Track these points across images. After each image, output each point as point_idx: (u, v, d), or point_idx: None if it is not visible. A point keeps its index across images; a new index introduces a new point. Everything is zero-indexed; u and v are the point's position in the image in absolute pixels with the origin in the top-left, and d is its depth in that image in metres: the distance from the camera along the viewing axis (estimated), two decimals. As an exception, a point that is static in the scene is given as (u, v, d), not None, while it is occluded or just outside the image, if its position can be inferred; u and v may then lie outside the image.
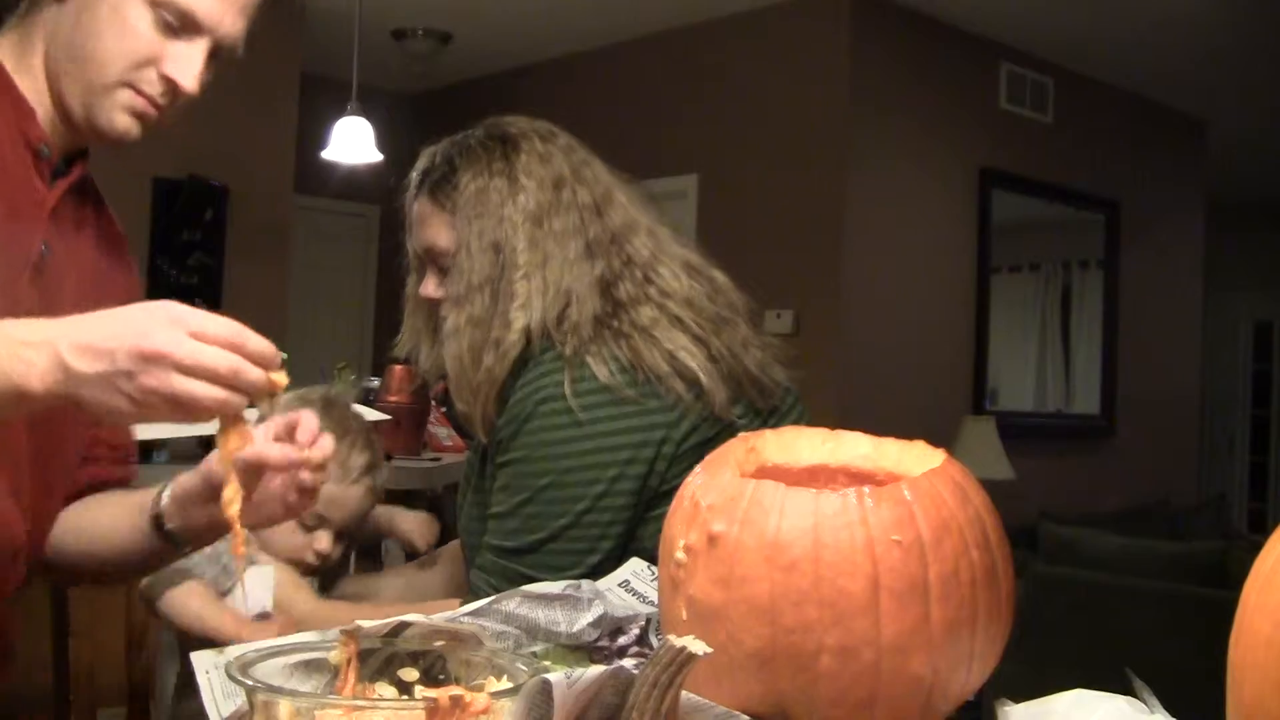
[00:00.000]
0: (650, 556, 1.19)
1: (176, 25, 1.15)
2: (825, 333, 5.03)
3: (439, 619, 0.96)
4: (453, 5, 5.57)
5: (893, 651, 0.79)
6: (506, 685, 0.79)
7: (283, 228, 5.34)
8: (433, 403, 4.12)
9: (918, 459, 0.93)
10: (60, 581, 1.56)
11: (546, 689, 0.70)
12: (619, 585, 1.17)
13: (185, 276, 4.93)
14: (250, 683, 0.76)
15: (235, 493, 0.98)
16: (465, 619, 1.02)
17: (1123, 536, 4.13)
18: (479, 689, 0.75)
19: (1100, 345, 6.29)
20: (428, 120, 6.72)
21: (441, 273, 1.53)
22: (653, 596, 1.14)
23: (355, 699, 0.82)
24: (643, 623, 1.06)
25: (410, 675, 0.87)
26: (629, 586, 1.17)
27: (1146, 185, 6.48)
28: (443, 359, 1.52)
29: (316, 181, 5.88)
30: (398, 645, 0.88)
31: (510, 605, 1.06)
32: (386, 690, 0.86)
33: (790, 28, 5.28)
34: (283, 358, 0.95)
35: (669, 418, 1.42)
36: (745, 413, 1.48)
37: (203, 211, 5.03)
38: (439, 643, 0.89)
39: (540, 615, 1.05)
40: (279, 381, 0.94)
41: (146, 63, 1.15)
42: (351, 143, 4.74)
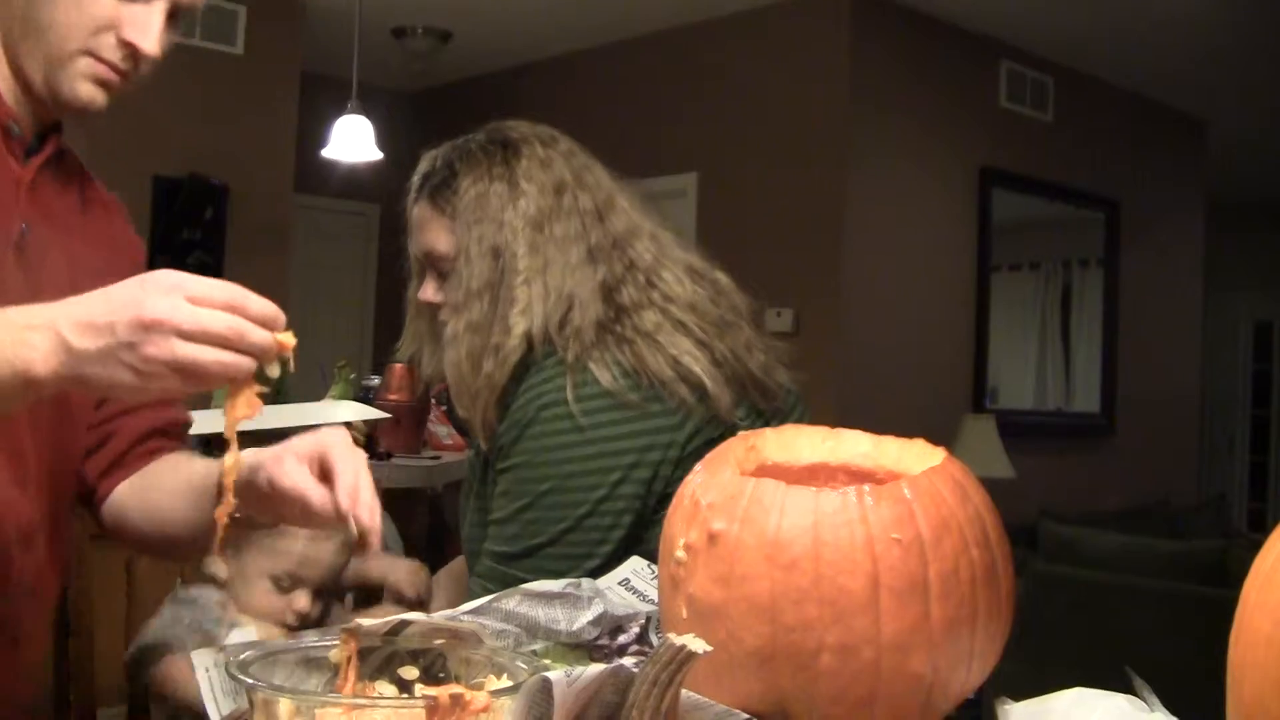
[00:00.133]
0: (656, 559, 1.19)
1: None
2: (825, 332, 5.03)
3: (439, 617, 0.96)
4: (453, 3, 5.57)
5: (893, 650, 0.79)
6: (506, 683, 0.79)
7: (283, 226, 5.34)
8: (433, 401, 4.12)
9: (918, 457, 0.93)
10: (133, 548, 1.55)
11: (546, 687, 0.70)
12: (619, 584, 1.17)
13: (185, 275, 4.93)
14: (250, 681, 0.76)
15: (236, 461, 0.96)
16: (465, 617, 1.02)
17: (1123, 535, 4.13)
18: (479, 687, 0.76)
19: (1100, 344, 6.29)
20: (428, 118, 6.72)
21: (441, 277, 1.52)
22: (653, 595, 1.14)
23: (355, 697, 0.82)
24: (643, 621, 1.06)
25: (410, 673, 0.87)
26: (629, 585, 1.17)
27: (1146, 184, 6.48)
28: (444, 364, 1.52)
29: (317, 180, 5.88)
30: (398, 643, 0.88)
31: (510, 604, 1.06)
32: (387, 688, 0.86)
33: (790, 26, 5.28)
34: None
35: (672, 421, 1.42)
36: (748, 415, 1.47)
37: (203, 210, 5.03)
38: (439, 641, 0.89)
39: (540, 613, 1.05)
40: (286, 342, 0.92)
41: (104, 28, 1.13)
42: (352, 141, 4.74)
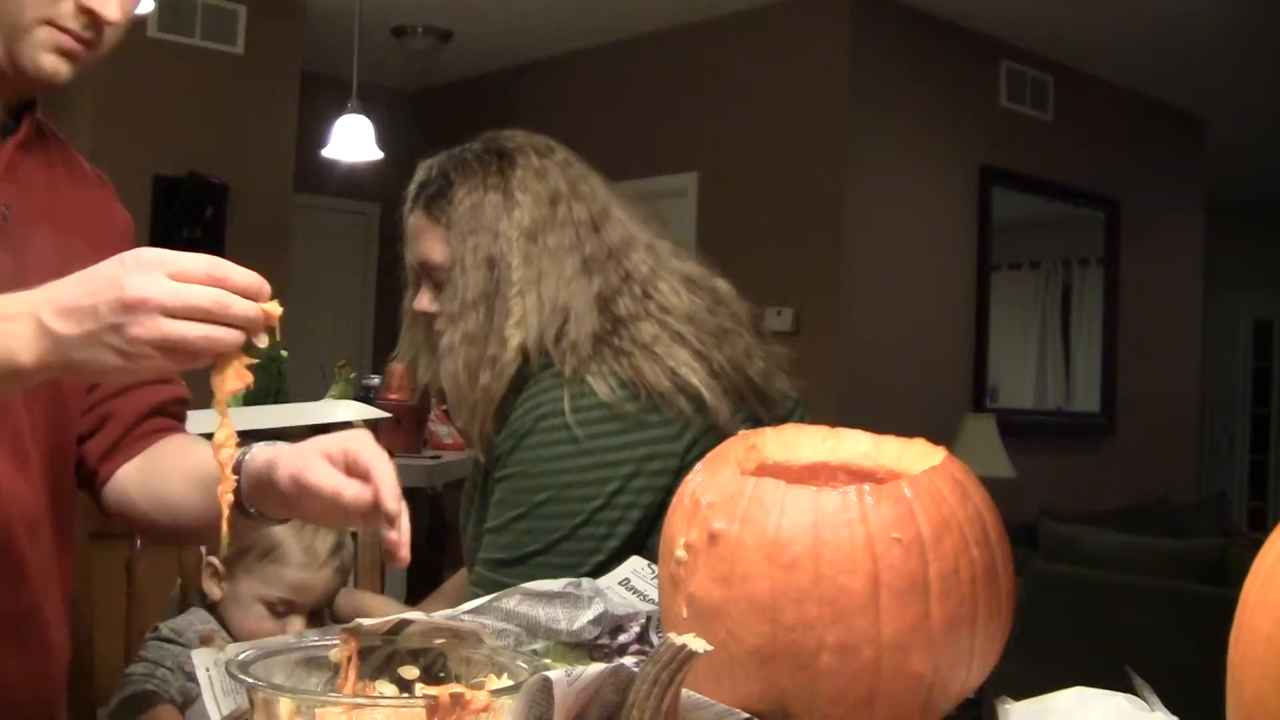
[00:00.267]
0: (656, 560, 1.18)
1: None
2: (825, 331, 5.03)
3: (439, 617, 0.96)
4: (453, 3, 5.57)
5: (893, 649, 0.79)
6: (507, 683, 0.79)
7: (283, 226, 5.34)
8: (433, 400, 4.12)
9: (918, 457, 0.93)
10: (119, 528, 1.54)
11: (547, 687, 0.70)
12: (619, 583, 1.17)
13: (185, 275, 4.93)
14: (251, 680, 0.76)
15: (227, 437, 0.94)
16: (465, 617, 1.02)
17: (1123, 534, 4.13)
18: (479, 686, 0.76)
19: (1100, 343, 6.29)
20: (428, 118, 6.72)
21: (437, 287, 1.52)
22: (653, 594, 1.14)
23: (356, 697, 0.82)
24: (643, 620, 1.06)
25: (411, 673, 0.87)
26: (629, 584, 1.17)
27: (1146, 184, 6.48)
28: (440, 375, 1.52)
29: (317, 179, 5.88)
30: (398, 643, 0.88)
31: (510, 603, 1.06)
32: (387, 688, 0.86)
33: (790, 26, 5.28)
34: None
35: (671, 431, 1.42)
36: (747, 422, 1.46)
37: (203, 209, 5.03)
38: (439, 640, 0.89)
39: (540, 613, 1.05)
40: (272, 311, 0.89)
41: None
42: (352, 140, 4.74)
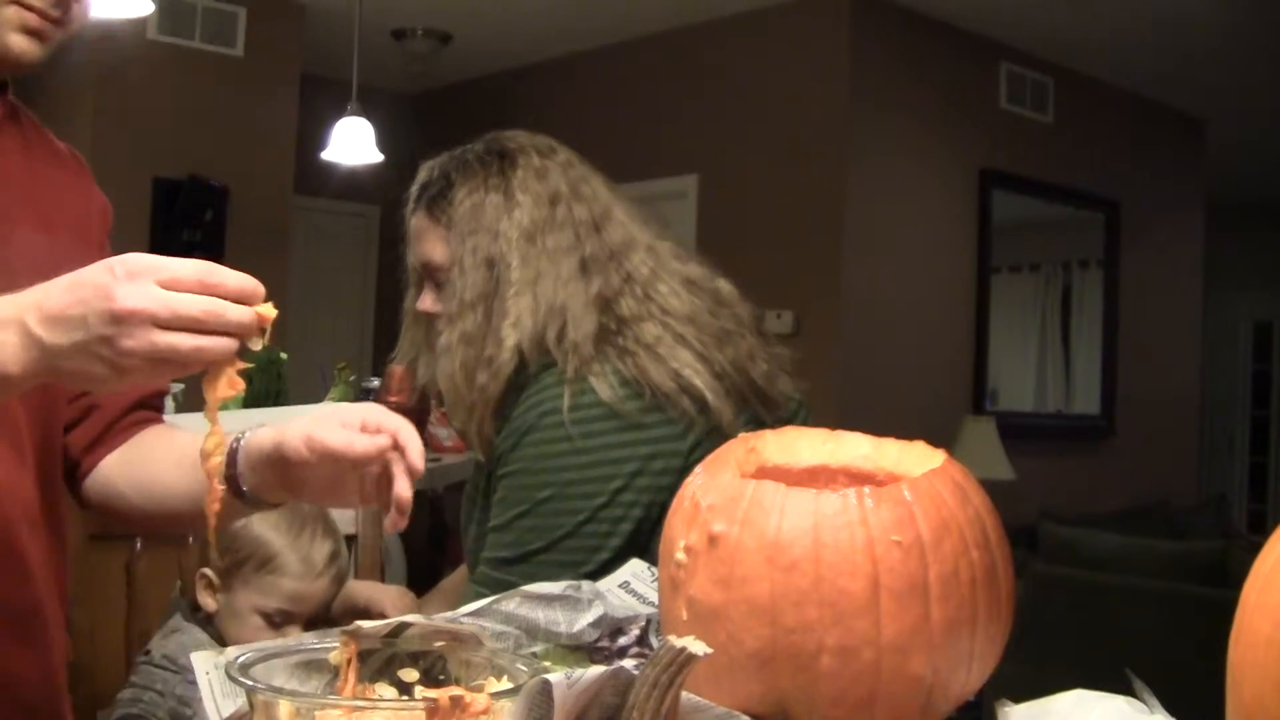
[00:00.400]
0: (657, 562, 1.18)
1: None
2: (825, 333, 5.03)
3: (439, 619, 0.96)
4: (453, 5, 5.57)
5: (893, 651, 0.79)
6: (506, 685, 0.79)
7: (283, 228, 5.34)
8: (433, 403, 4.12)
9: (918, 459, 0.93)
10: (118, 528, 1.53)
11: (546, 689, 0.70)
12: (619, 586, 1.17)
13: (185, 277, 4.94)
14: (250, 683, 0.76)
15: (217, 445, 0.92)
16: (465, 619, 1.03)
17: (1123, 536, 4.13)
18: (479, 689, 0.76)
19: (1100, 345, 6.29)
20: (428, 120, 6.72)
21: (438, 288, 1.52)
22: (653, 597, 1.14)
23: (355, 699, 0.82)
24: (643, 623, 1.06)
25: (410, 676, 0.87)
26: (629, 587, 1.17)
27: (1146, 185, 6.48)
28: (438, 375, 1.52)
29: (316, 181, 5.88)
30: (398, 646, 0.88)
31: (510, 605, 1.06)
32: (386, 691, 0.86)
33: (790, 27, 5.28)
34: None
35: (675, 431, 1.42)
36: (749, 425, 1.47)
37: (203, 212, 5.03)
38: (439, 643, 0.89)
39: (540, 615, 1.05)
40: (266, 315, 0.87)
41: None
42: (352, 143, 4.74)
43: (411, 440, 1.00)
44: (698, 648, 0.69)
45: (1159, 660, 2.05)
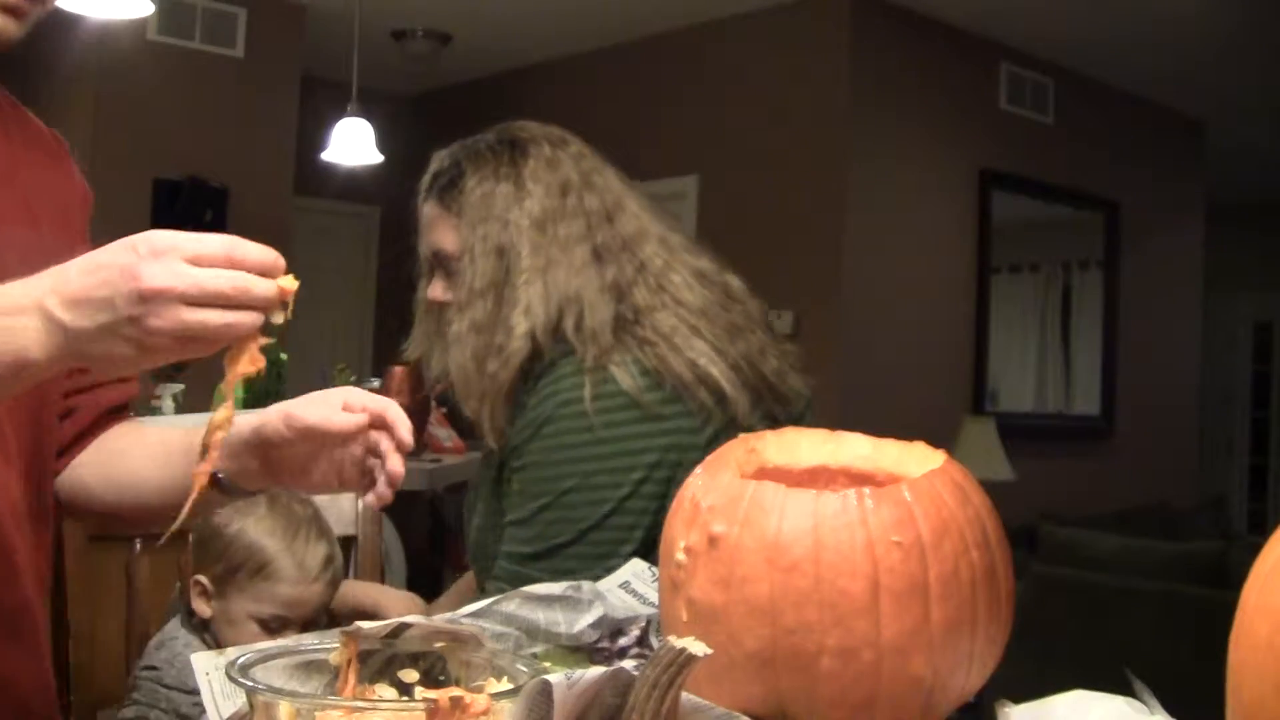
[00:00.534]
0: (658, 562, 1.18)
1: None
2: (825, 333, 5.03)
3: (439, 620, 0.96)
4: (453, 6, 5.57)
5: (893, 652, 0.80)
6: (506, 686, 0.79)
7: (282, 229, 5.34)
8: (433, 404, 4.12)
9: (918, 460, 0.93)
10: (93, 527, 1.51)
11: (546, 690, 0.70)
12: (619, 586, 1.17)
13: (185, 277, 4.94)
14: (250, 684, 0.76)
15: (226, 419, 0.91)
16: (465, 620, 1.02)
17: (1122, 537, 4.12)
18: (479, 690, 0.76)
19: (1100, 346, 6.29)
20: (428, 121, 6.72)
21: (449, 277, 1.52)
22: (653, 598, 1.14)
23: (355, 700, 0.82)
24: (643, 624, 1.06)
25: (410, 676, 0.87)
26: (629, 587, 1.17)
27: (1146, 185, 6.49)
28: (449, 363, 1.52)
29: (316, 182, 5.88)
30: (398, 646, 0.88)
31: (510, 606, 1.06)
32: (387, 691, 0.86)
33: (790, 28, 5.28)
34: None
35: (693, 423, 1.42)
36: (764, 419, 1.47)
37: (203, 213, 5.03)
38: (439, 644, 0.89)
39: (540, 616, 1.05)
40: (288, 287, 0.86)
41: None
42: (352, 144, 4.74)
43: (399, 418, 1.01)
44: (698, 648, 0.69)
45: (1158, 661, 2.05)
